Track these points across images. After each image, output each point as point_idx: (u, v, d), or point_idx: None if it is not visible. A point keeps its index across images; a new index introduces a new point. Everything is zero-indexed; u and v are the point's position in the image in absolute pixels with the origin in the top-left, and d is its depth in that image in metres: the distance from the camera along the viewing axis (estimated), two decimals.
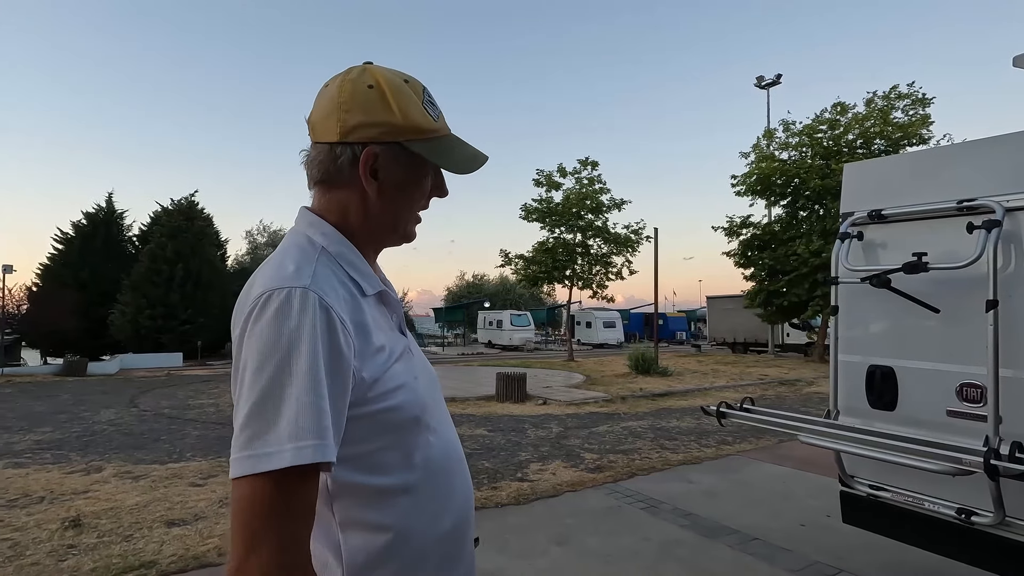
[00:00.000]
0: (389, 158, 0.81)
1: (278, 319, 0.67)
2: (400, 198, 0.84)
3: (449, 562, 0.85)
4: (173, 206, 26.24)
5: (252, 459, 0.63)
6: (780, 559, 3.69)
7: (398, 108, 0.80)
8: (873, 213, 2.62)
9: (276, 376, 0.65)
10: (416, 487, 0.80)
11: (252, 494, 0.63)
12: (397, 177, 0.83)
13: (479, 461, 6.24)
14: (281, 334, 0.67)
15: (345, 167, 0.80)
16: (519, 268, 21.41)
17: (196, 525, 4.21)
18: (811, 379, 14.64)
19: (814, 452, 6.33)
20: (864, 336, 2.69)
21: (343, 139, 0.79)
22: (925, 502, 2.43)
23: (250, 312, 0.69)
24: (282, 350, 0.66)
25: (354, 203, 0.83)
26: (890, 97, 19.15)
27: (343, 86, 0.81)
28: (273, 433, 0.64)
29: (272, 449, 0.63)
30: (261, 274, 0.75)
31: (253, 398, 0.65)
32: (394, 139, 0.81)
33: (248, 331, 0.68)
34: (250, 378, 0.66)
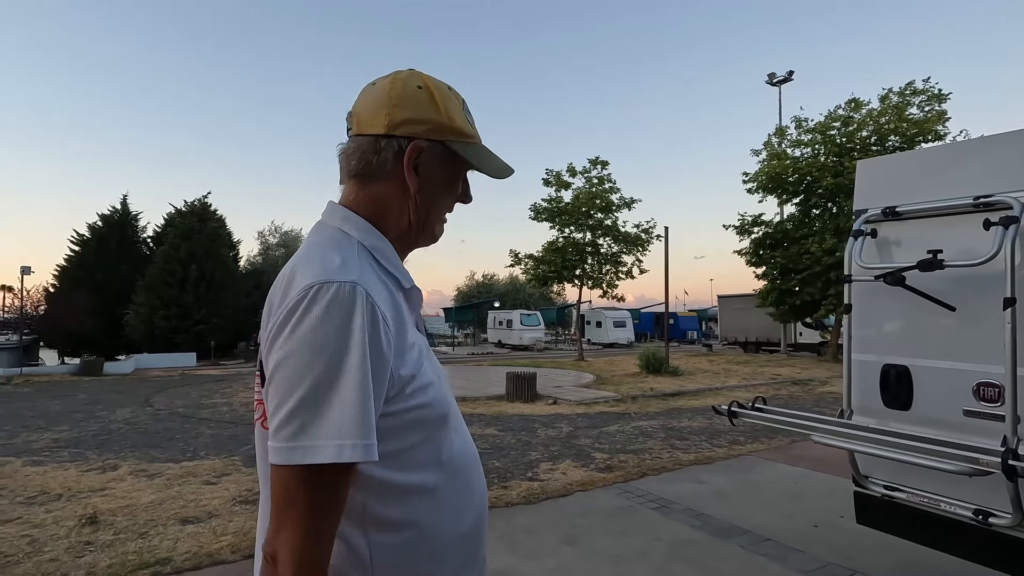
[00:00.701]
0: (432, 155, 0.84)
1: (330, 313, 0.68)
2: (436, 196, 0.87)
3: (469, 560, 0.86)
4: (186, 208, 26.54)
5: (293, 450, 0.66)
6: (793, 560, 3.66)
7: (444, 109, 0.84)
8: (887, 210, 2.59)
9: (327, 371, 0.67)
10: (441, 485, 0.81)
11: (289, 482, 0.67)
12: (436, 175, 0.85)
13: (489, 460, 6.24)
14: (334, 329, 0.68)
15: (388, 160, 0.82)
16: (529, 268, 21.41)
17: (210, 523, 4.26)
18: (824, 379, 14.49)
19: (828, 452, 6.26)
20: (878, 335, 2.66)
21: (390, 132, 0.82)
22: (941, 503, 2.39)
23: (297, 303, 0.69)
24: (333, 345, 0.67)
25: (393, 198, 0.84)
26: (905, 93, 18.91)
27: (394, 84, 0.84)
28: (320, 428, 0.66)
29: (314, 443, 0.65)
30: (304, 265, 0.74)
31: (302, 391, 0.67)
32: (439, 137, 0.84)
33: (295, 323, 0.69)
34: (299, 371, 0.67)
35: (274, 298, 0.74)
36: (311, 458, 0.65)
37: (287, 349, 0.69)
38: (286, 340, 0.69)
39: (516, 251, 21.67)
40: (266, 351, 0.72)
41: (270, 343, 0.71)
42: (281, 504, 0.67)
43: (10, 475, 5.68)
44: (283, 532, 0.67)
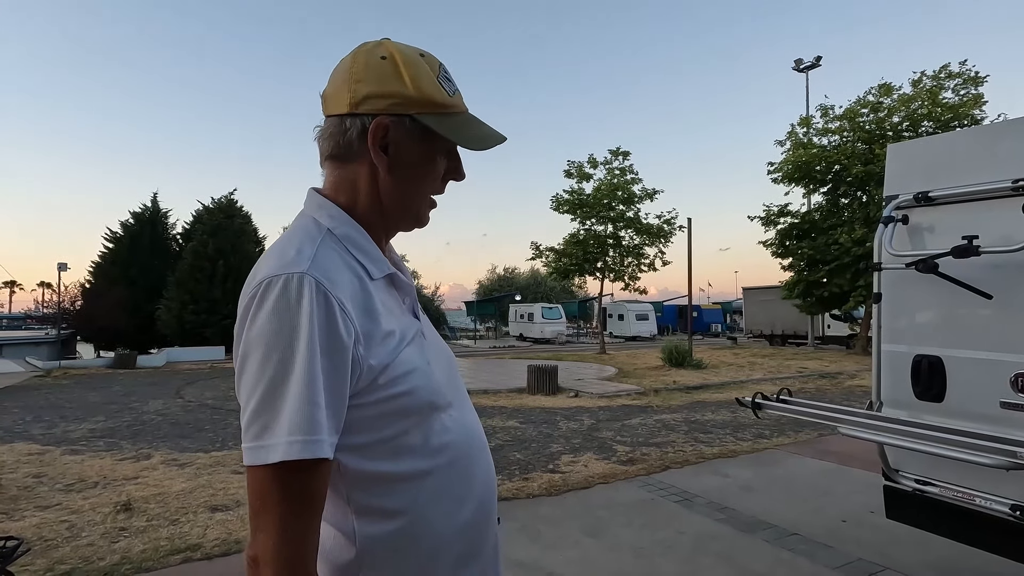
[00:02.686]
0: (400, 132, 0.77)
1: (277, 308, 0.67)
2: (412, 176, 0.81)
3: (474, 550, 0.83)
4: (214, 205, 27.08)
5: (257, 450, 0.65)
6: (821, 555, 3.59)
7: (410, 79, 0.77)
8: (919, 195, 2.50)
9: (278, 368, 0.65)
10: (433, 474, 0.78)
11: (257, 483, 0.66)
12: (409, 153, 0.79)
13: (510, 452, 6.26)
14: (281, 323, 0.66)
15: (355, 140, 0.77)
16: (550, 261, 21.35)
17: (237, 511, 4.36)
18: (853, 372, 14.17)
19: (857, 447, 6.12)
20: (910, 325, 2.57)
21: (353, 110, 0.76)
22: (976, 498, 2.31)
23: (251, 300, 0.68)
24: (283, 341, 0.66)
25: (364, 180, 0.79)
26: (940, 77, 18.26)
27: (356, 58, 0.78)
28: (276, 426, 0.64)
29: (272, 442, 0.64)
30: (264, 260, 0.73)
31: (261, 390, 0.66)
32: (405, 111, 0.77)
33: (250, 320, 0.68)
34: (257, 370, 0.66)
35: (242, 294, 0.72)
36: (269, 457, 0.64)
37: (244, 348, 0.68)
38: (243, 338, 0.69)
39: (537, 244, 21.66)
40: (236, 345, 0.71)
41: (239, 337, 0.70)
42: (255, 506, 0.66)
43: (50, 463, 5.90)
44: (260, 534, 0.66)
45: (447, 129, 0.79)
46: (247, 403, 0.67)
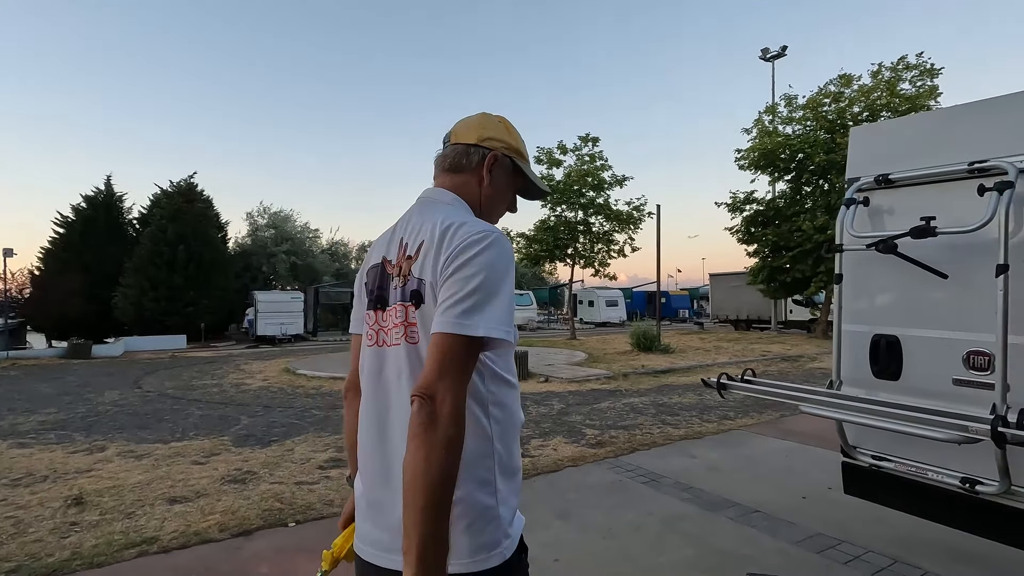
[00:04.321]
0: (501, 164, 1.19)
1: (500, 249, 1.00)
2: (496, 195, 1.20)
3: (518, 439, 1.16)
4: (172, 188, 26.10)
5: (466, 326, 0.93)
6: (783, 531, 3.68)
7: (515, 138, 1.22)
8: (880, 178, 2.54)
9: (494, 284, 0.97)
10: (516, 386, 1.12)
11: (454, 347, 0.93)
12: (501, 179, 1.20)
13: None
14: (500, 259, 1.00)
15: (474, 161, 1.17)
16: (520, 247, 21.29)
17: (198, 502, 4.23)
18: (814, 355, 14.63)
19: (818, 426, 6.31)
20: (869, 305, 2.63)
21: (478, 143, 1.18)
22: (929, 472, 2.39)
23: (478, 240, 0.99)
24: (500, 270, 0.99)
25: (472, 187, 1.17)
26: (897, 68, 18.78)
27: (485, 117, 1.22)
28: (482, 316, 0.94)
29: (480, 324, 0.94)
30: (463, 219, 1.05)
31: (477, 291, 0.95)
32: (508, 153, 1.20)
33: (479, 251, 0.98)
34: (478, 279, 0.96)
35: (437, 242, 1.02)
36: (473, 332, 0.93)
37: (466, 263, 0.97)
38: (469, 258, 0.98)
39: (508, 230, 21.56)
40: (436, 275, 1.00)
41: (448, 265, 0.99)
42: (444, 362, 0.92)
43: None
44: (446, 379, 0.91)
45: (528, 173, 1.24)
46: (459, 295, 0.95)
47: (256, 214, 33.99)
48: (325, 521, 3.90)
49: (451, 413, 0.88)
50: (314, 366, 13.36)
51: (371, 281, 1.14)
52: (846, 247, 2.58)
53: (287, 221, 33.94)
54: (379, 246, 1.17)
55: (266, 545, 3.52)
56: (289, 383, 10.97)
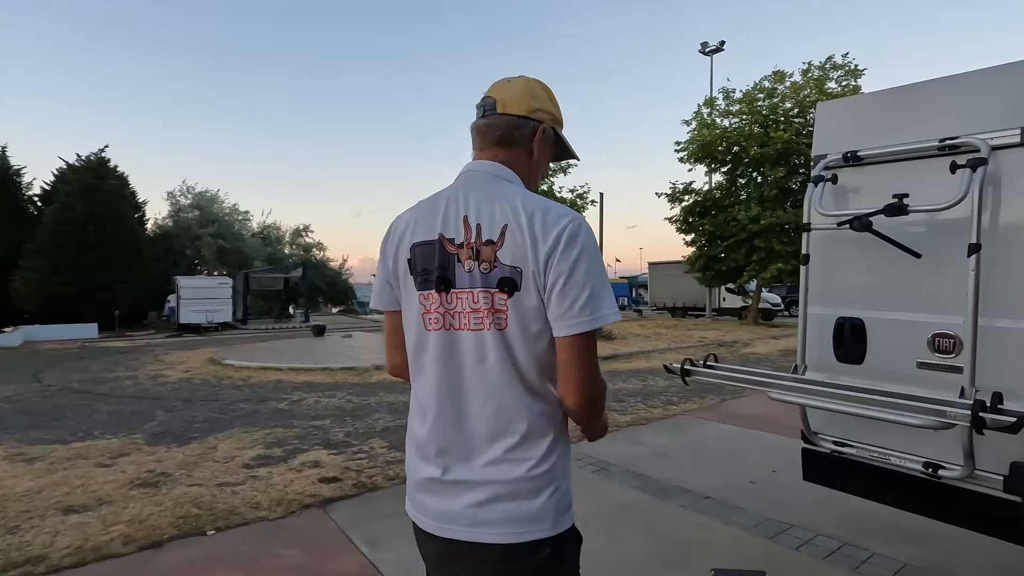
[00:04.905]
0: (549, 136, 1.18)
1: (591, 234, 1.06)
2: (543, 164, 1.20)
3: None
4: (80, 163, 23.80)
5: (597, 320, 1.01)
6: (734, 517, 3.64)
7: (557, 107, 1.20)
8: (848, 155, 2.44)
9: (600, 269, 1.04)
10: None
11: (588, 342, 1.03)
12: (547, 150, 1.19)
13: None
14: (594, 241, 1.06)
15: (526, 135, 1.14)
16: None
17: (99, 511, 3.72)
18: (747, 340, 15.21)
19: (759, 410, 6.41)
20: (834, 287, 2.54)
21: (528, 115, 1.13)
22: (891, 457, 2.33)
23: (574, 230, 1.02)
24: (597, 254, 1.04)
25: (524, 160, 1.16)
26: (825, 67, 19.65)
27: (528, 84, 1.16)
28: (604, 303, 1.02)
29: (606, 312, 1.03)
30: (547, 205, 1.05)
31: (594, 283, 1.01)
32: (553, 125, 1.18)
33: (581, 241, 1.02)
34: (589, 271, 1.01)
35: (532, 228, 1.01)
36: (603, 322, 1.01)
37: (578, 258, 1.00)
38: (578, 255, 1.01)
39: None
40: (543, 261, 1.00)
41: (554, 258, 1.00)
42: (587, 359, 1.03)
43: None
44: (597, 376, 1.07)
45: (567, 142, 1.23)
46: (580, 294, 1.00)
47: (179, 194, 31.68)
48: (250, 527, 3.51)
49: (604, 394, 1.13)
50: (243, 356, 12.54)
51: (422, 260, 1.10)
52: (814, 226, 2.47)
53: (213, 202, 31.81)
54: (425, 220, 1.11)
55: (179, 558, 3.11)
56: (214, 374, 10.20)
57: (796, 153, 19.02)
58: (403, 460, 1.21)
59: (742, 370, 2.60)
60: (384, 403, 7.34)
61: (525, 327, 1.03)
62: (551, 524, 1.05)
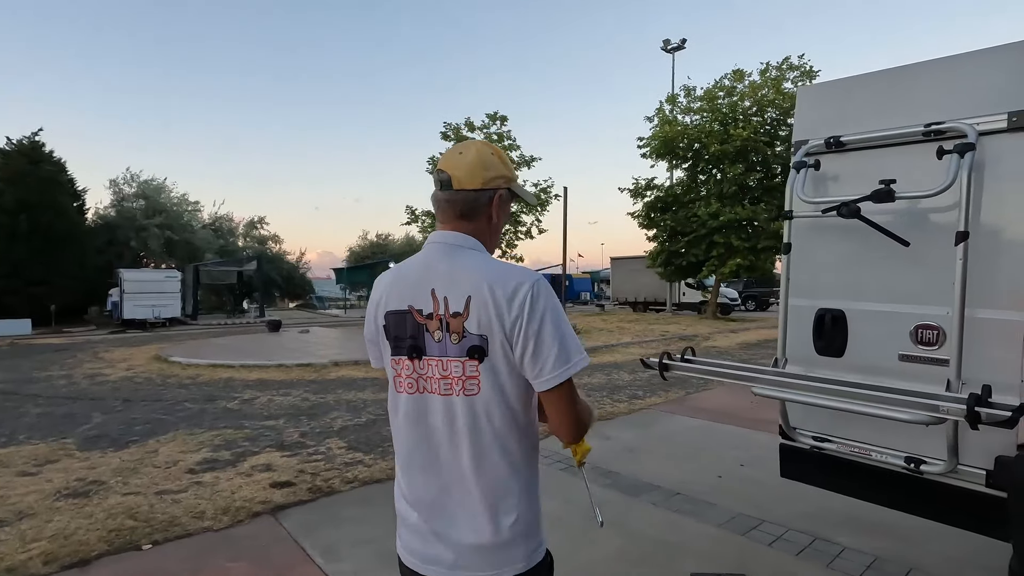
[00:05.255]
0: (506, 197, 1.26)
1: (550, 292, 1.11)
2: (501, 223, 1.28)
3: None
4: (11, 147, 22.17)
5: (569, 369, 1.09)
6: (705, 514, 3.56)
7: (508, 166, 1.26)
8: (831, 140, 2.35)
9: (562, 324, 1.10)
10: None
11: (567, 390, 1.11)
12: (505, 208, 1.27)
13: (385, 425, 5.71)
14: (552, 296, 1.11)
15: (483, 205, 1.21)
16: (427, 226, 20.56)
17: (18, 526, 3.34)
18: (707, 334, 15.45)
19: (724, 403, 6.40)
20: (815, 278, 2.46)
21: (484, 187, 1.20)
22: (872, 452, 2.27)
23: (535, 293, 1.09)
24: (557, 307, 1.11)
25: (482, 227, 1.23)
26: (782, 68, 20.12)
27: (480, 153, 1.22)
28: (571, 353, 1.09)
29: (575, 360, 1.10)
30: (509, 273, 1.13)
31: (559, 339, 1.09)
32: (507, 185, 1.25)
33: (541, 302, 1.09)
34: (552, 329, 1.08)
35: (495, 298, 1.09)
36: (576, 369, 1.10)
37: (542, 319, 1.08)
38: (542, 314, 1.08)
39: (413, 208, 20.70)
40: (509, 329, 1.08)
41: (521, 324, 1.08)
42: (569, 403, 1.13)
43: None
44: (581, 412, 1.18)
45: (521, 192, 1.30)
46: (550, 351, 1.08)
47: (122, 182, 29.94)
48: (192, 540, 3.21)
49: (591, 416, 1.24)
50: (191, 352, 11.90)
51: (395, 327, 1.19)
52: (796, 214, 2.38)
53: (160, 191, 30.23)
54: (397, 289, 1.20)
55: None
56: (159, 372, 9.61)
57: (754, 151, 19.44)
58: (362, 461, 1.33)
59: (721, 364, 2.49)
60: (343, 401, 7.03)
61: (499, 388, 1.11)
62: (524, 563, 1.15)
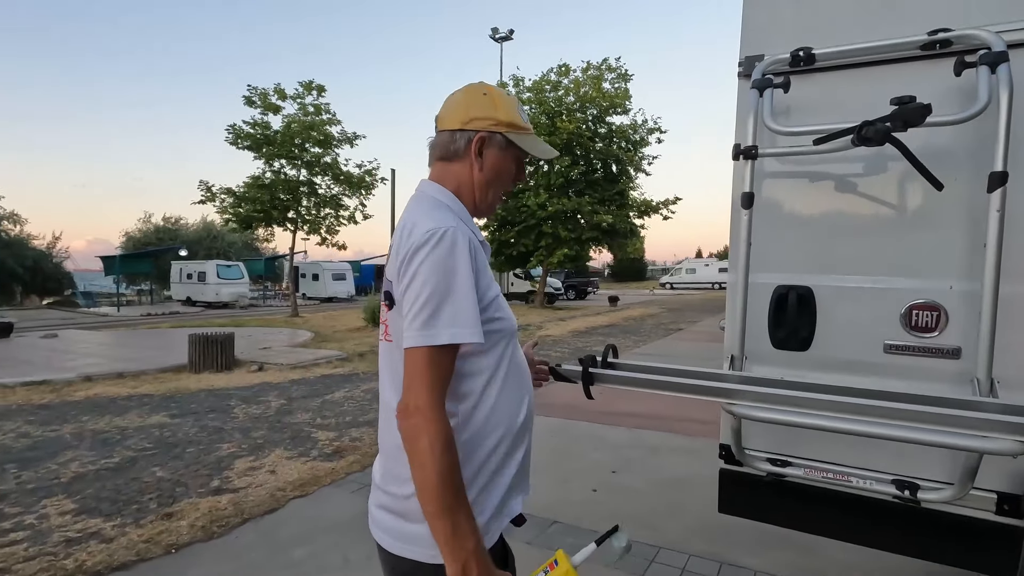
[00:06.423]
0: (492, 142, 1.13)
1: (444, 247, 0.98)
2: (492, 177, 1.15)
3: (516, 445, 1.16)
4: None
5: (426, 336, 0.95)
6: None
7: (505, 110, 1.13)
8: (799, 55, 1.70)
9: (445, 285, 0.97)
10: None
11: (419, 359, 0.96)
12: (494, 159, 1.14)
13: (148, 468, 4.06)
14: (448, 257, 0.98)
15: (461, 147, 1.12)
16: (227, 206, 17.44)
17: None
18: (540, 323, 15.47)
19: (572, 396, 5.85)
20: (773, 246, 1.81)
21: (462, 127, 1.12)
22: (852, 477, 1.68)
23: (424, 242, 0.98)
24: (448, 268, 0.97)
25: (464, 176, 1.13)
26: (601, 68, 21.17)
27: (467, 93, 1.15)
28: (440, 321, 0.96)
29: (440, 331, 0.96)
30: (420, 219, 1.02)
31: (430, 297, 0.96)
32: (496, 129, 1.12)
33: (425, 254, 0.97)
34: (428, 284, 0.96)
35: (400, 245, 1.03)
36: (435, 341, 0.95)
37: (416, 271, 0.97)
38: (417, 266, 0.97)
39: (209, 183, 17.36)
40: (396, 279, 1.02)
41: (402, 272, 1.00)
42: (413, 374, 0.96)
43: None
44: (414, 388, 0.96)
45: (525, 144, 1.16)
46: (414, 306, 0.97)
47: None
48: None
49: (431, 423, 0.93)
50: None
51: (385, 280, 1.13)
52: (762, 151, 1.68)
53: None
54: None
55: None
56: None
57: (579, 145, 20.14)
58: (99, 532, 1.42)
59: (666, 370, 1.70)
60: (87, 433, 5.02)
61: (399, 341, 1.02)
62: (430, 551, 1.00)
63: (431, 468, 0.92)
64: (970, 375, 1.53)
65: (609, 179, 21.38)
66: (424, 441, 0.92)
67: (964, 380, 1.56)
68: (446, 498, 0.92)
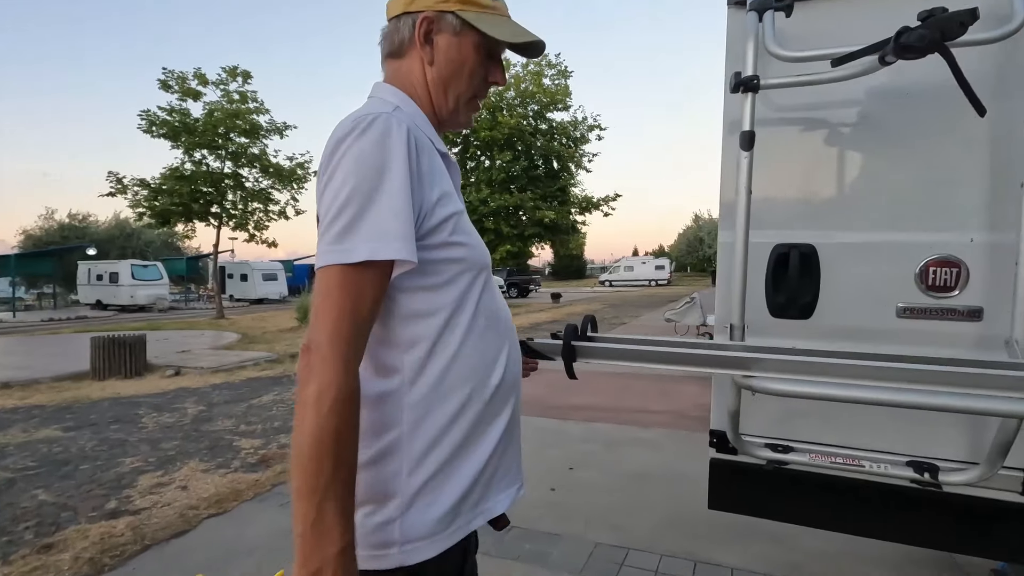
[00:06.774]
0: (443, 24, 0.88)
1: (369, 136, 0.74)
2: (449, 70, 0.89)
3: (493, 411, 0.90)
4: None
5: (335, 253, 0.72)
6: (556, 554, 2.55)
7: None
8: None
9: (367, 185, 0.73)
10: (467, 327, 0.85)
11: (328, 281, 0.72)
12: (447, 47, 0.89)
13: (28, 490, 3.42)
14: (377, 149, 0.74)
15: (407, 36, 0.89)
16: (140, 199, 16.00)
17: None
18: None
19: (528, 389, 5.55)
20: (772, 200, 1.57)
21: (406, 9, 0.88)
22: (864, 461, 1.47)
23: (342, 136, 0.74)
24: (371, 162, 0.73)
25: (416, 73, 0.90)
26: (541, 64, 21.13)
27: None
28: (358, 233, 0.72)
29: (355, 246, 0.71)
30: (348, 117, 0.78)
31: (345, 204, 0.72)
32: (447, 8, 0.87)
33: (344, 151, 0.74)
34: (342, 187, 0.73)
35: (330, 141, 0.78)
36: (349, 258, 0.71)
37: (335, 168, 0.74)
38: (337, 161, 0.74)
39: (119, 174, 15.84)
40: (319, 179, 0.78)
41: (322, 169, 0.77)
42: (318, 301, 0.72)
43: None
44: (318, 321, 0.71)
45: (484, 24, 0.88)
46: (326, 215, 0.73)
47: None
48: None
49: (326, 364, 0.69)
50: None
51: None
52: (766, 82, 1.43)
53: None
54: None
55: None
56: None
57: (520, 140, 19.99)
58: None
59: (655, 341, 1.42)
60: None
61: None
62: (365, 553, 0.76)
63: (308, 425, 0.67)
64: (992, 338, 1.35)
65: (551, 175, 21.37)
66: (311, 388, 0.68)
67: (985, 344, 1.38)
68: (318, 474, 0.67)
